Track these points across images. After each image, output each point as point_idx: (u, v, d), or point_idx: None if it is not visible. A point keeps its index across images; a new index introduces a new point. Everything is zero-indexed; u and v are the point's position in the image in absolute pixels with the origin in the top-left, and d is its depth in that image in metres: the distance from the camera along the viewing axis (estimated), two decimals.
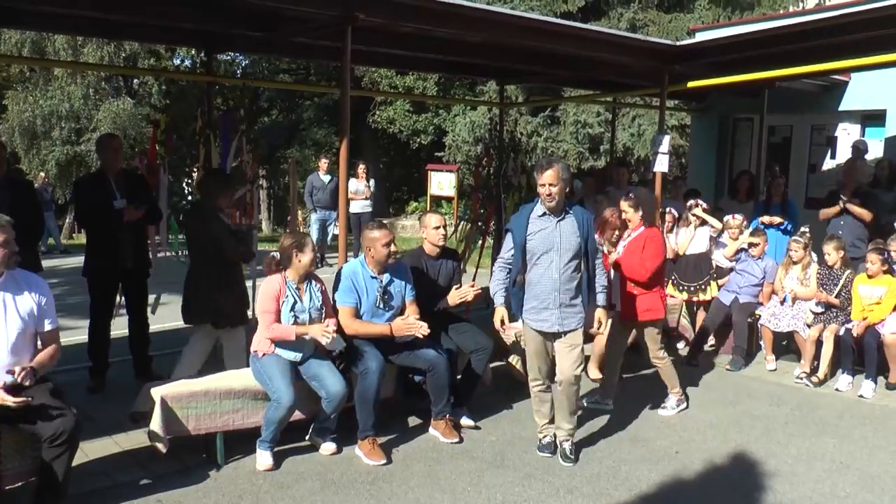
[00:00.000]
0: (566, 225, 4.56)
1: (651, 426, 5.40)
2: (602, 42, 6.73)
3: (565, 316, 4.62)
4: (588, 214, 4.69)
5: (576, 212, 4.63)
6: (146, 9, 5.72)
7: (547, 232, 4.55)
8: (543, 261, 4.56)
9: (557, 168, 4.47)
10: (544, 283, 4.59)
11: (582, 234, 4.56)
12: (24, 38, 19.23)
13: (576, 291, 4.64)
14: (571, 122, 16.35)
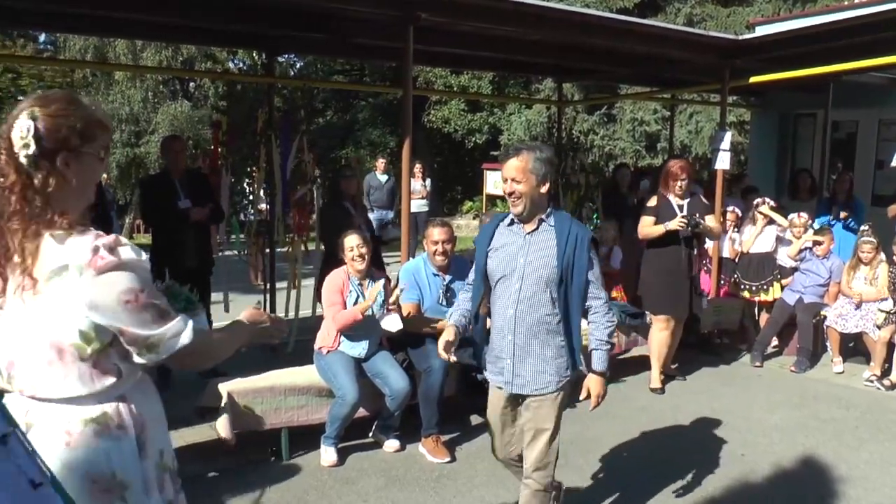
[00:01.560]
0: (539, 241, 3.18)
1: (715, 428, 5.31)
2: (663, 38, 6.65)
3: (521, 372, 3.22)
4: (581, 229, 3.23)
5: (560, 223, 3.19)
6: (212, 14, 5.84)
7: (511, 249, 3.23)
8: (501, 289, 3.25)
9: (525, 157, 3.10)
10: (500, 320, 3.27)
11: (562, 255, 3.12)
12: (87, 45, 19.77)
13: (546, 338, 3.19)
14: (628, 119, 16.17)
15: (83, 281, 1.65)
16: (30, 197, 1.68)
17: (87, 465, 1.72)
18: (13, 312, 1.73)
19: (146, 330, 1.72)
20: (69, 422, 1.73)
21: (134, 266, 1.71)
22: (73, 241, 1.68)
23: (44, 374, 1.72)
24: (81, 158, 1.75)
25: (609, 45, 6.68)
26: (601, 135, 16.51)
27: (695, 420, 5.44)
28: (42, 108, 1.70)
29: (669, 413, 5.58)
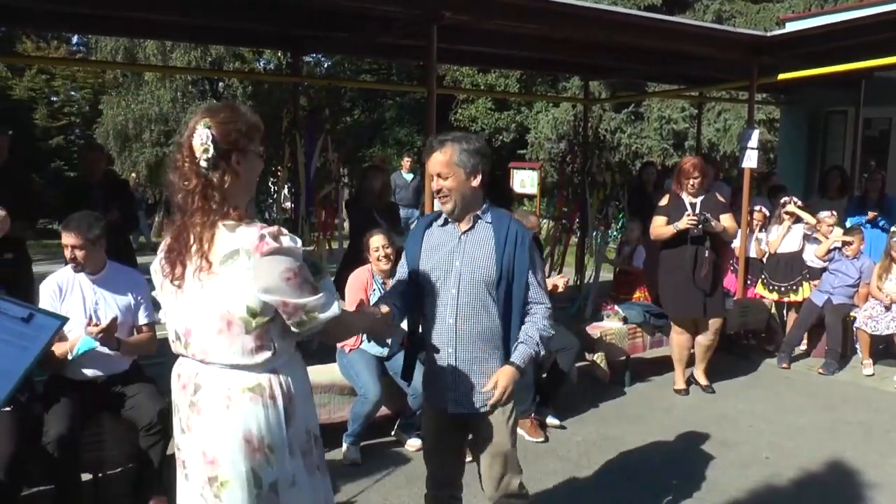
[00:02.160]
0: (475, 240, 2.84)
1: (740, 430, 5.24)
2: (688, 35, 6.60)
3: (467, 388, 2.85)
4: (522, 227, 2.91)
5: (498, 220, 2.86)
6: (236, 13, 5.89)
7: (445, 251, 2.87)
8: (436, 297, 2.86)
9: (449, 150, 2.77)
10: (437, 331, 2.88)
11: (501, 255, 2.79)
12: (118, 46, 20.05)
13: (490, 349, 2.84)
14: (655, 117, 16.04)
15: (251, 263, 1.93)
16: (210, 195, 1.99)
17: (242, 426, 2.02)
18: (191, 291, 2.04)
19: (305, 299, 1.99)
20: (230, 388, 2.03)
21: (291, 250, 1.98)
22: (242, 230, 1.97)
23: (213, 341, 2.02)
24: (248, 156, 2.06)
25: (634, 43, 6.64)
26: (628, 133, 16.40)
27: (719, 421, 5.37)
28: (212, 118, 2.01)
29: (693, 414, 5.51)
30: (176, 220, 2.05)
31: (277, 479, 2.06)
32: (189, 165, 1.99)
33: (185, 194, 2.00)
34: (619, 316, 6.12)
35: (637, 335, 6.15)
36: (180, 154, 2.02)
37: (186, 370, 2.11)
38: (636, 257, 7.38)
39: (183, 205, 2.01)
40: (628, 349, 6.09)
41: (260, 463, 2.03)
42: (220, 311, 1.98)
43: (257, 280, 1.94)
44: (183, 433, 2.13)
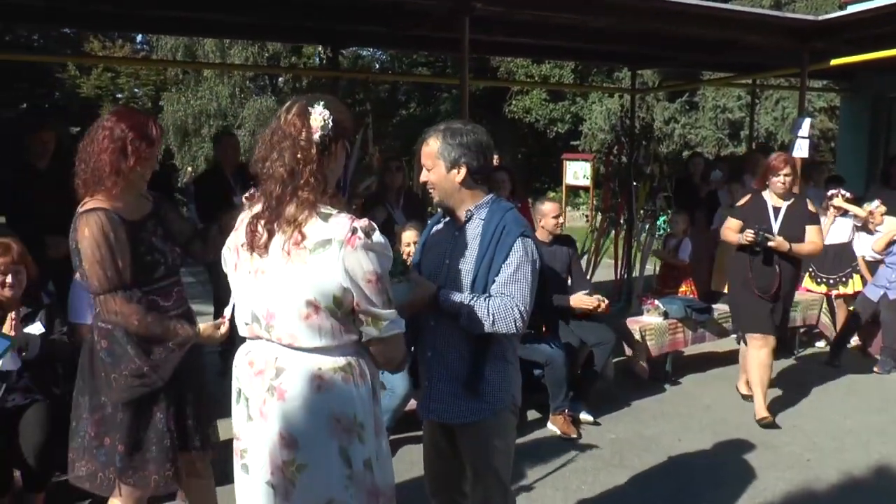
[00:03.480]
0: (465, 238, 2.65)
1: (782, 430, 5.05)
2: (734, 21, 6.37)
3: (441, 396, 2.67)
4: (513, 223, 2.59)
5: (492, 215, 2.62)
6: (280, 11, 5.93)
7: (439, 249, 2.73)
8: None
9: (434, 141, 2.62)
10: (421, 333, 2.69)
11: (482, 255, 2.57)
12: (177, 44, 20.56)
13: (471, 355, 2.59)
14: (710, 106, 15.64)
15: (341, 254, 1.93)
16: (317, 172, 2.00)
17: (334, 406, 2.03)
18: (275, 267, 2.01)
19: (376, 308, 2.00)
20: (320, 368, 2.02)
21: (379, 252, 1.98)
22: (336, 220, 1.97)
23: (300, 326, 2.00)
24: (342, 149, 2.11)
25: (677, 31, 6.45)
26: (682, 123, 16.03)
27: None
28: (328, 103, 2.05)
29: (734, 413, 5.34)
30: (273, 190, 2.01)
31: (370, 456, 2.08)
32: (307, 137, 2.00)
33: (297, 166, 1.99)
34: (660, 311, 5.96)
35: (678, 330, 5.99)
36: (293, 127, 2.01)
37: (262, 355, 2.08)
38: (682, 250, 7.19)
39: (290, 177, 1.99)
40: (668, 345, 5.94)
41: (351, 441, 2.04)
42: (308, 297, 1.97)
43: (344, 272, 1.94)
44: (250, 420, 2.09)
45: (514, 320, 2.51)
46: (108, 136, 2.65)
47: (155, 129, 2.75)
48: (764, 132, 14.58)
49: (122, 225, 2.67)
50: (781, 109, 14.77)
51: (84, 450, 2.81)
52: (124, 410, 2.72)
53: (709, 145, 15.28)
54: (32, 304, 3.74)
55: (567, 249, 5.42)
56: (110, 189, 2.66)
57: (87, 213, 2.66)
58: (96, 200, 2.68)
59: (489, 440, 2.66)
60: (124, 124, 2.67)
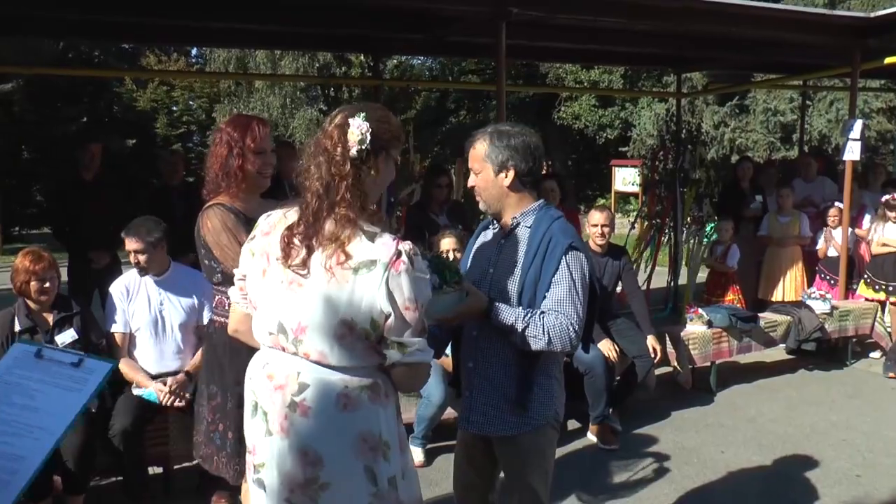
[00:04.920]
0: (510, 247, 2.57)
1: (831, 444, 4.86)
2: (780, 20, 6.19)
3: (481, 407, 2.59)
4: (562, 234, 2.50)
5: (538, 223, 2.54)
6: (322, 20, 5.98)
7: (484, 256, 2.67)
8: None
9: (481, 143, 2.56)
10: (464, 342, 2.68)
11: (528, 265, 2.49)
12: (229, 56, 20.97)
13: (515, 367, 2.52)
14: (761, 109, 15.26)
15: (386, 277, 1.90)
16: (356, 185, 1.96)
17: (360, 425, 2.00)
18: (315, 283, 1.96)
19: (406, 335, 1.96)
20: (347, 387, 1.99)
21: (420, 278, 1.96)
22: (381, 241, 1.93)
23: (332, 344, 1.96)
24: (389, 160, 2.07)
25: (723, 32, 6.31)
26: (732, 126, 15.67)
27: (808, 433, 5.02)
28: (370, 114, 2.01)
29: (781, 425, 5.17)
30: (310, 203, 1.97)
31: (395, 474, 2.06)
32: (341, 152, 1.96)
33: (330, 181, 1.96)
34: (703, 319, 5.82)
35: (722, 339, 5.83)
36: (330, 140, 1.98)
37: (283, 368, 2.01)
38: (730, 257, 7.03)
39: (325, 192, 1.95)
40: (713, 354, 5.78)
41: (377, 460, 2.01)
42: (345, 317, 1.93)
43: (386, 296, 1.91)
44: (269, 435, 2.03)
45: (569, 339, 2.44)
46: (219, 141, 2.81)
47: (259, 128, 2.82)
48: (817, 135, 14.16)
49: (240, 219, 2.76)
50: (836, 111, 14.33)
51: (205, 434, 3.00)
52: (237, 400, 2.77)
53: (759, 149, 14.89)
54: (64, 309, 3.84)
55: (618, 261, 5.36)
56: (226, 190, 2.79)
57: (206, 209, 2.81)
58: (216, 199, 2.82)
59: (528, 455, 2.60)
60: (230, 128, 2.81)
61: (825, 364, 6.49)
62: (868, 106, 14.01)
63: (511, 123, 2.67)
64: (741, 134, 15.57)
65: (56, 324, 3.76)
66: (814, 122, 13.72)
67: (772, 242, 7.36)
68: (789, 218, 7.28)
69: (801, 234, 7.24)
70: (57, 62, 19.45)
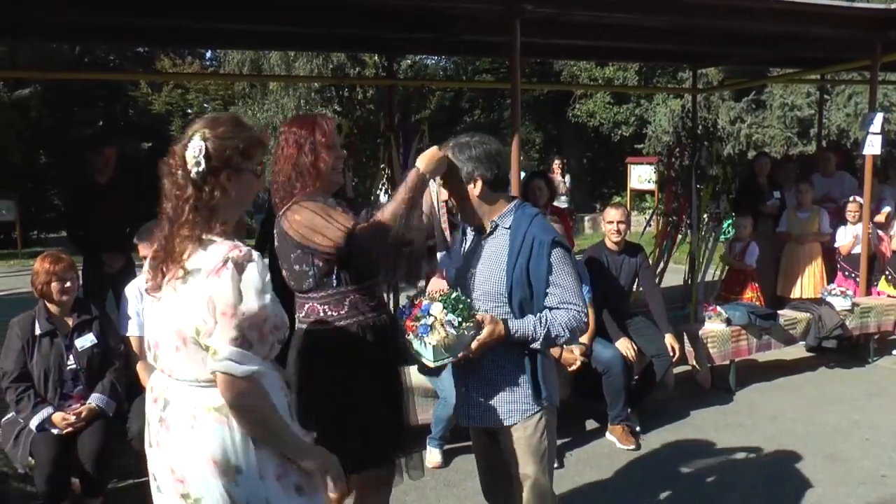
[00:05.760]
0: (491, 248, 2.68)
1: (854, 443, 4.80)
2: (799, 14, 6.09)
3: (476, 401, 2.71)
4: (542, 231, 2.61)
5: (517, 224, 2.64)
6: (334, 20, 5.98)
7: (470, 258, 2.77)
8: None
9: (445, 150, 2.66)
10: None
11: (512, 266, 2.59)
12: (244, 58, 21.05)
13: (503, 361, 2.64)
14: (778, 105, 15.11)
15: (207, 283, 1.86)
16: (200, 208, 1.93)
17: (207, 448, 1.93)
18: (165, 300, 1.99)
19: (217, 342, 1.86)
20: (195, 407, 1.95)
21: (248, 285, 1.87)
22: (214, 248, 1.91)
23: (174, 358, 1.96)
24: (241, 175, 1.98)
25: (739, 26, 6.26)
26: (748, 122, 15.53)
27: (831, 433, 4.96)
28: (211, 130, 1.94)
29: (802, 424, 5.11)
30: (164, 227, 1.99)
31: (248, 500, 1.95)
32: (182, 174, 1.93)
33: (176, 203, 1.94)
34: (722, 317, 5.75)
35: (741, 337, 5.77)
36: (173, 161, 1.96)
37: (158, 384, 2.05)
38: (749, 255, 6.94)
39: (172, 214, 1.96)
40: (731, 352, 5.73)
41: (230, 484, 1.94)
42: (176, 328, 1.93)
43: (206, 301, 1.87)
44: (150, 447, 2.06)
45: (583, 325, 2.63)
46: (285, 143, 2.72)
47: (326, 123, 2.75)
48: (835, 129, 14.00)
49: (329, 203, 2.70)
50: (854, 105, 14.16)
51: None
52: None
53: (777, 145, 14.75)
54: (84, 313, 3.86)
55: (635, 259, 5.32)
56: (301, 191, 2.69)
57: (287, 210, 2.70)
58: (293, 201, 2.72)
59: (526, 443, 2.67)
60: (295, 127, 2.73)
61: (846, 362, 6.42)
62: (888, 99, 13.83)
63: (469, 134, 2.75)
64: (758, 130, 15.43)
65: (76, 328, 3.77)
66: (832, 117, 13.56)
67: (791, 239, 7.28)
68: (808, 214, 7.19)
69: (821, 231, 7.16)
70: (73, 67, 19.59)
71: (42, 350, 3.70)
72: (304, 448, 2.04)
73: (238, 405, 1.89)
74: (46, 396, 3.69)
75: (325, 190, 2.73)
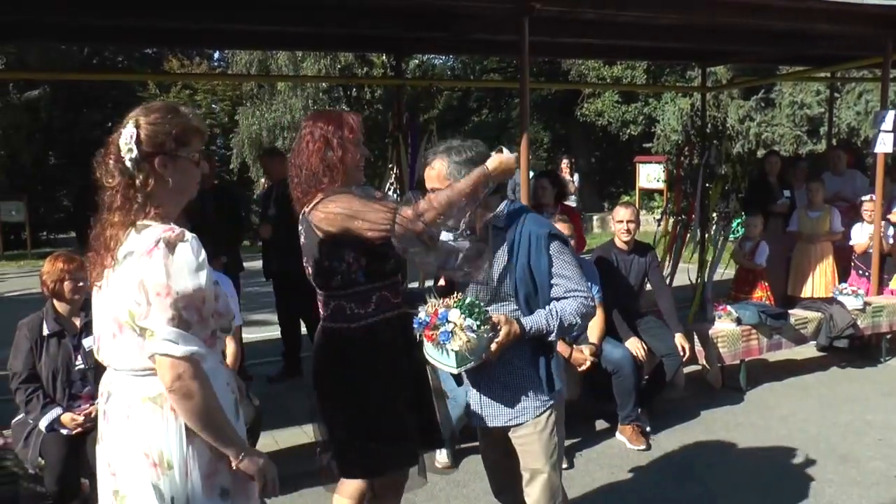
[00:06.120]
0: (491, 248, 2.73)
1: (865, 443, 4.76)
2: (806, 11, 6.04)
3: (488, 402, 2.74)
4: (536, 225, 2.67)
5: (510, 222, 2.70)
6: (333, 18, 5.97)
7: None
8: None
9: (440, 163, 2.65)
10: None
11: (514, 263, 2.64)
12: (251, 59, 21.08)
13: (511, 359, 2.65)
14: (787, 103, 15.03)
15: (139, 264, 1.83)
16: (131, 195, 1.90)
17: (140, 439, 1.90)
18: (104, 290, 1.97)
19: (153, 322, 1.82)
20: (131, 397, 1.92)
21: (180, 264, 1.84)
22: (147, 232, 1.87)
23: (111, 346, 1.95)
24: (177, 162, 1.95)
25: (747, 24, 6.20)
26: (758, 121, 15.46)
27: (843, 433, 4.91)
28: (144, 117, 1.93)
29: (814, 424, 5.07)
30: (101, 217, 1.95)
31: (174, 497, 1.91)
32: (114, 163, 1.91)
33: (108, 192, 1.93)
34: (732, 317, 5.72)
35: (752, 337, 5.73)
36: (107, 150, 1.94)
37: (106, 377, 2.03)
38: (759, 254, 6.90)
39: (106, 202, 1.93)
40: (742, 352, 5.69)
41: (160, 478, 1.90)
42: (113, 314, 1.91)
43: (138, 283, 1.83)
44: (98, 444, 2.04)
45: (592, 309, 2.69)
46: (309, 138, 2.68)
47: (352, 118, 2.72)
48: (845, 127, 13.91)
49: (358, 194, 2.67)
50: (865, 103, 14.07)
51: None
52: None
53: (786, 143, 14.67)
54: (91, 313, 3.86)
55: (644, 258, 5.32)
56: (329, 185, 2.65)
57: (314, 207, 2.66)
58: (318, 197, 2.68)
59: (536, 440, 2.71)
60: (322, 122, 2.69)
61: (858, 361, 6.37)
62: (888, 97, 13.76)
63: (459, 138, 2.77)
64: (767, 128, 15.35)
65: (83, 327, 3.77)
66: (842, 115, 13.47)
67: (801, 238, 7.23)
68: (819, 213, 7.14)
69: (833, 230, 7.10)
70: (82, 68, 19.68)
71: (50, 350, 3.70)
72: (243, 447, 1.98)
73: (177, 388, 1.83)
74: (55, 397, 3.69)
75: (350, 183, 2.70)
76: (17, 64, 17.87)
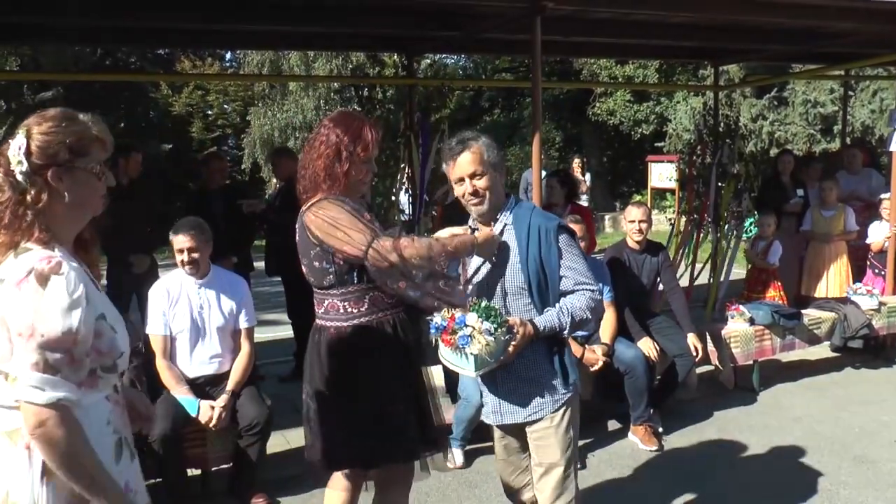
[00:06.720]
0: (504, 243, 2.77)
1: (880, 444, 4.71)
2: (819, 8, 6.00)
3: (506, 399, 2.78)
4: (544, 220, 2.75)
5: (519, 218, 2.75)
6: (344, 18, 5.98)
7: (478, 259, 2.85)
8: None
9: (478, 148, 2.72)
10: None
11: (525, 258, 2.68)
12: (263, 59, 21.14)
13: (528, 355, 2.68)
14: (800, 101, 14.93)
15: (4, 297, 1.66)
16: (21, 212, 1.72)
17: None
18: None
19: (15, 368, 1.65)
20: None
21: (50, 304, 1.66)
22: (24, 257, 1.69)
23: None
24: (74, 174, 1.77)
25: (761, 22, 6.19)
26: (770, 119, 15.36)
27: (858, 434, 4.87)
28: (36, 126, 1.76)
29: (828, 425, 5.03)
30: None
31: None
32: (3, 176, 1.74)
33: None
34: (745, 317, 5.69)
35: (765, 337, 5.70)
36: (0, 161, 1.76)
37: None
38: (772, 253, 6.86)
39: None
40: (755, 352, 5.65)
41: None
42: None
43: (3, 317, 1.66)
44: None
45: (599, 303, 2.75)
46: (323, 141, 2.68)
47: (371, 134, 2.70)
48: (860, 126, 13.80)
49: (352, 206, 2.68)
50: (879, 101, 13.95)
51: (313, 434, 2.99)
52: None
53: (799, 142, 14.57)
54: None
55: (657, 258, 5.30)
56: (330, 190, 2.67)
57: (308, 208, 2.69)
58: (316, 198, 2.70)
59: (554, 434, 2.75)
60: (339, 129, 2.68)
61: (873, 362, 6.32)
62: None
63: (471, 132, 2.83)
64: (780, 127, 15.26)
65: None
66: (856, 113, 13.36)
67: (815, 237, 7.18)
68: (833, 212, 7.09)
69: (847, 229, 7.04)
70: (94, 69, 19.79)
71: None
72: (112, 493, 1.74)
73: (39, 435, 1.65)
74: None
75: (350, 194, 2.71)
76: (31, 65, 17.97)
